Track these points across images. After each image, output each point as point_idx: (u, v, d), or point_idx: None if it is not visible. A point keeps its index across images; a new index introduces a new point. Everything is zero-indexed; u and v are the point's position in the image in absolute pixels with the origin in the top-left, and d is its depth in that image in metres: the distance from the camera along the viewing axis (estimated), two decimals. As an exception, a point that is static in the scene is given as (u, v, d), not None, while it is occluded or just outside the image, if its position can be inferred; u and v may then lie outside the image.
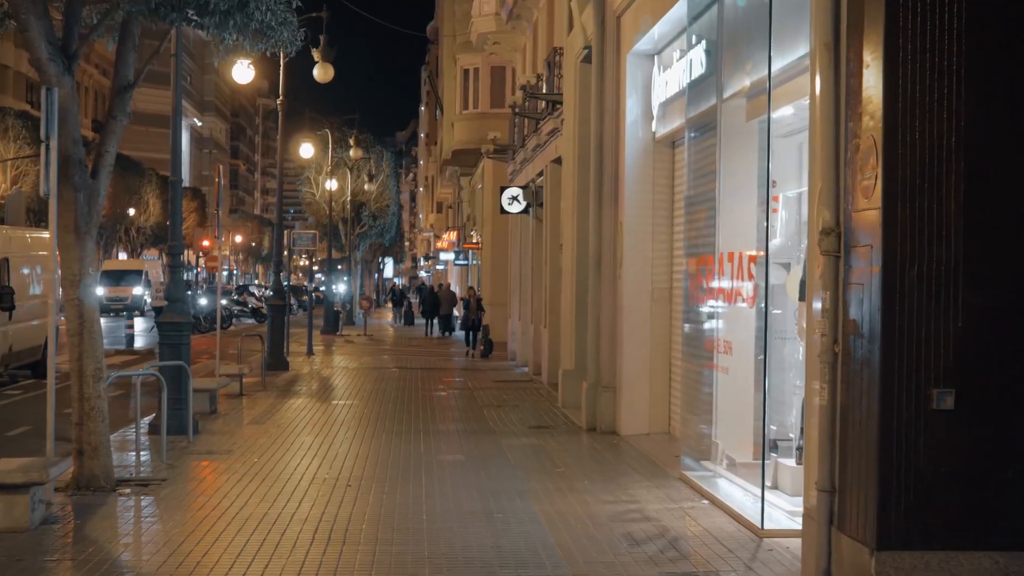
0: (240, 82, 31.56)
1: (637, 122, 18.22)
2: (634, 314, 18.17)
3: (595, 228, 19.48)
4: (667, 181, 18.22)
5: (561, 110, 24.14)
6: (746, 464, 13.48)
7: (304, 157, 53.25)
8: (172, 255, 18.99)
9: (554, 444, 17.64)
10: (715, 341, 12.99)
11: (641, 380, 18.16)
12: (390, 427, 19.59)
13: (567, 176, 22.99)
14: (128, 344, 39.56)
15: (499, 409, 22.41)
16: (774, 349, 13.41)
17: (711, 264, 13.01)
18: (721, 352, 12.80)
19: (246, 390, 25.20)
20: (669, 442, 17.48)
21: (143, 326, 52.64)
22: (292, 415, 21.25)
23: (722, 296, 12.74)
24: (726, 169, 13.52)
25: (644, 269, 18.16)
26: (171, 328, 18.52)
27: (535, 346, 30.32)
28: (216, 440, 17.94)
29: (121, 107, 14.05)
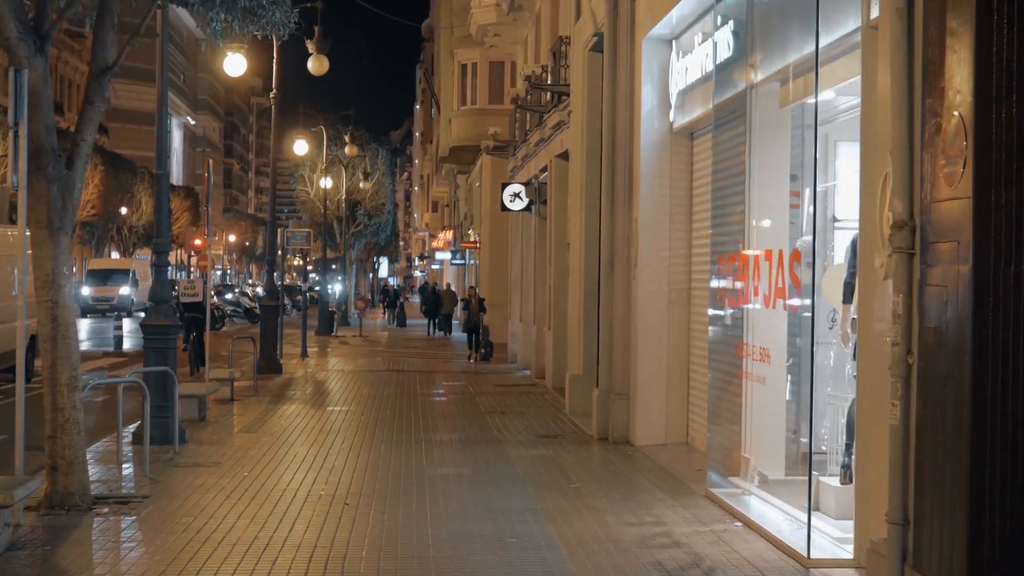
0: (232, 75, 30.37)
1: (653, 112, 17.10)
2: (650, 317, 17.05)
3: (607, 226, 18.36)
4: (685, 175, 17.10)
5: (567, 102, 23.02)
6: (780, 481, 12.38)
7: (298, 154, 52.14)
8: (157, 253, 17.85)
9: (565, 455, 16.51)
10: (749, 348, 11.86)
11: (657, 387, 17.04)
12: (389, 436, 18.46)
13: (575, 171, 21.86)
14: (116, 346, 38.37)
15: (503, 416, 21.28)
16: (804, 355, 12.35)
17: (743, 263, 11.88)
18: (756, 360, 11.68)
19: (237, 395, 24.08)
20: (688, 454, 16.37)
21: (132, 327, 51.44)
22: (285, 422, 20.11)
23: (757, 298, 11.61)
24: (757, 160, 12.42)
25: (660, 269, 17.04)
26: (156, 331, 17.39)
27: (538, 349, 29.19)
28: (204, 451, 16.81)
29: (99, 91, 12.90)
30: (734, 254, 12.19)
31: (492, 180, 46.68)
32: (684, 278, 17.06)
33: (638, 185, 17.25)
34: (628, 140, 17.78)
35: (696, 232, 16.88)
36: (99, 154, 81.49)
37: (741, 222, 12.33)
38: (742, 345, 12.03)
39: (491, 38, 37.18)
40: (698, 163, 16.77)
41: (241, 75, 30.24)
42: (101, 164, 79.36)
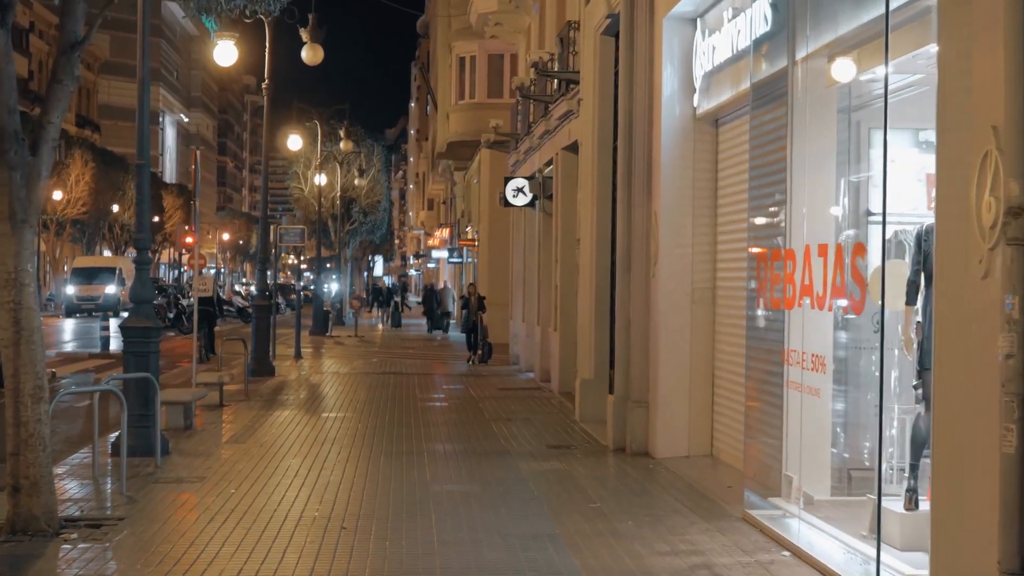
0: (222, 64, 29.03)
1: (674, 97, 15.79)
2: (671, 318, 15.75)
3: (623, 220, 17.06)
4: (709, 165, 15.80)
5: (576, 90, 21.72)
6: (828, 503, 11.09)
7: (292, 149, 50.81)
8: (138, 250, 16.52)
9: (581, 469, 15.20)
10: (797, 355, 10.54)
11: (679, 394, 15.74)
12: (388, 446, 17.15)
13: (585, 163, 20.56)
14: (103, 347, 37.04)
15: (509, 423, 19.97)
16: (847, 361, 11.10)
17: (790, 260, 10.56)
18: (807, 368, 10.36)
19: (227, 399, 22.76)
20: (714, 467, 15.08)
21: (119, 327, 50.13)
22: (277, 431, 18.80)
23: (808, 299, 10.29)
24: (801, 145, 11.13)
25: (683, 267, 15.74)
26: (137, 334, 16.07)
27: (543, 351, 27.88)
28: (188, 464, 15.49)
29: (68, 69, 11.58)
30: (777, 250, 10.88)
31: (491, 176, 45.45)
32: (708, 276, 15.78)
33: (658, 176, 15.96)
34: (646, 128, 16.48)
35: (722, 227, 15.59)
36: (90, 151, 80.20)
37: (783, 214, 11.03)
38: (787, 352, 10.72)
39: (492, 27, 35.84)
40: (724, 151, 15.48)
41: (235, 73, 29.62)
42: (92, 161, 78.05)
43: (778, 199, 11.20)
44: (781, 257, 10.73)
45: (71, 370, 30.79)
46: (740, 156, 14.81)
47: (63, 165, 75.66)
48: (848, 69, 10.86)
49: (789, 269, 10.52)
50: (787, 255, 10.60)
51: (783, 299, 10.69)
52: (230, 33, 28.11)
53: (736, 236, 15.11)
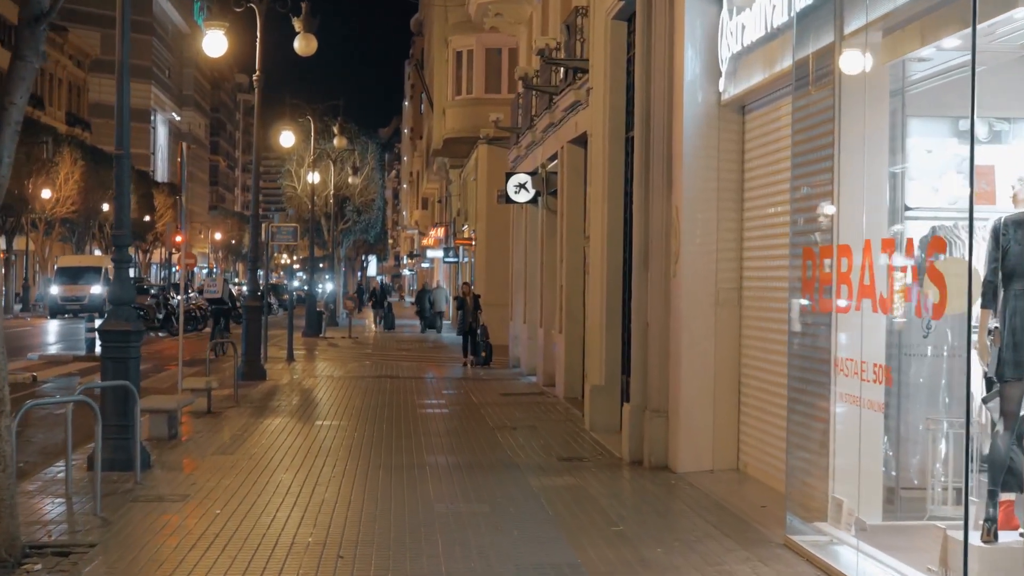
0: (212, 55, 27.85)
1: (696, 83, 14.60)
2: (694, 321, 14.56)
3: (640, 216, 15.87)
4: (735, 155, 14.62)
5: (585, 78, 20.52)
6: (883, 529, 9.92)
7: (284, 146, 49.61)
8: (117, 247, 15.30)
9: (597, 485, 14.00)
10: (855, 365, 9.34)
11: (703, 404, 14.55)
12: (387, 459, 15.95)
13: (596, 156, 19.36)
14: (88, 349, 35.69)
15: (514, 432, 18.77)
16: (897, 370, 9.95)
17: (846, 257, 9.36)
18: (869, 380, 9.17)
19: (216, 405, 21.56)
20: (742, 484, 13.89)
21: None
22: (267, 441, 17.59)
23: (871, 301, 9.09)
24: (852, 129, 9.96)
25: (707, 265, 14.55)
26: (116, 338, 14.86)
27: (546, 354, 26.68)
28: (171, 479, 14.29)
29: (32, 44, 10.39)
30: (828, 246, 9.68)
31: (489, 173, 44.28)
32: (734, 276, 14.59)
33: (679, 168, 14.77)
34: (666, 116, 15.29)
35: (750, 222, 14.42)
36: (79, 149, 78.96)
37: (835, 205, 9.85)
38: (841, 360, 9.52)
39: (491, 19, 34.60)
40: (752, 140, 14.31)
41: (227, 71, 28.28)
42: (82, 159, 76.80)
43: (828, 189, 10.01)
44: (833, 254, 9.54)
45: (54, 373, 29.60)
46: (771, 145, 13.66)
47: (52, 163, 74.43)
48: (906, 44, 9.70)
49: (843, 267, 9.33)
50: (841, 252, 9.40)
51: (835, 301, 9.49)
52: (219, 23, 26.97)
53: (765, 232, 13.96)
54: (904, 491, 10.66)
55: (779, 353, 13.44)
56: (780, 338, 13.44)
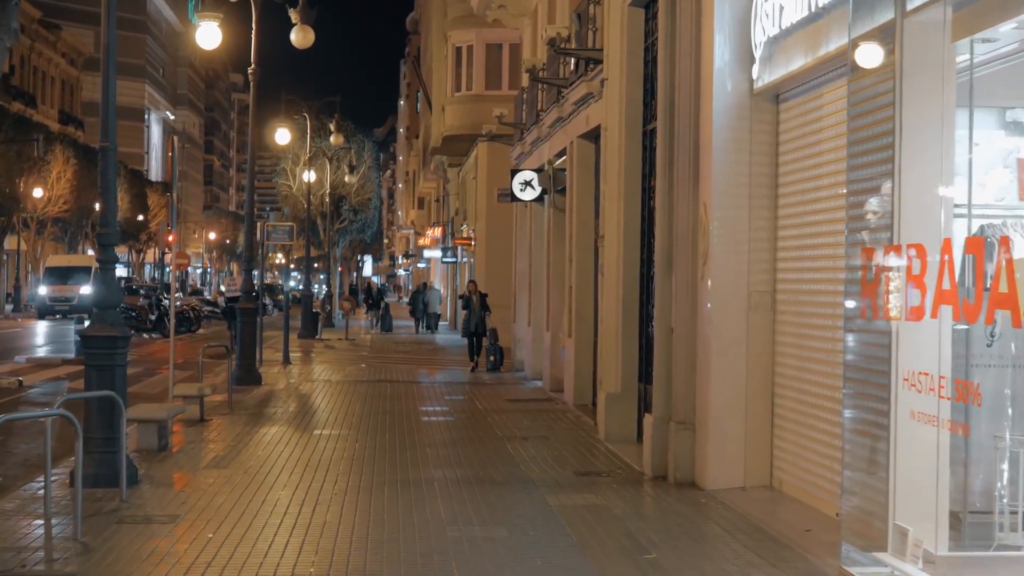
0: (205, 47, 26.75)
1: (726, 70, 13.54)
2: (724, 326, 13.50)
3: (663, 214, 14.82)
4: (768, 148, 13.57)
5: (598, 69, 19.47)
6: (952, 560, 8.88)
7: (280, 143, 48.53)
8: (102, 246, 14.23)
9: (621, 504, 12.94)
10: (932, 380, 8.28)
11: (733, 415, 13.49)
12: (391, 473, 14.89)
13: (611, 150, 18.30)
14: (78, 352, 34.55)
15: (525, 443, 17.72)
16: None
17: (918, 258, 8.30)
18: (948, 398, 8.11)
19: (210, 412, 20.53)
20: (778, 504, 12.83)
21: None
22: (263, 453, 16.53)
23: (952, 308, 8.01)
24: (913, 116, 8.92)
25: (739, 267, 13.50)
26: (100, 344, 13.82)
27: (553, 358, 25.63)
28: (160, 497, 13.22)
29: (3, 22, 9.31)
30: (897, 246, 8.61)
31: (489, 171, 43.26)
32: (768, 278, 13.54)
33: (707, 162, 13.72)
34: (692, 107, 14.23)
35: (784, 219, 13.38)
36: (72, 147, 77.85)
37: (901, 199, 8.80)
38: (913, 374, 8.46)
39: (495, 11, 33.53)
40: (788, 132, 13.26)
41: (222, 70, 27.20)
42: (74, 158, 75.68)
43: (891, 182, 8.95)
44: (902, 254, 8.48)
45: (41, 378, 28.57)
46: (810, 137, 12.63)
47: (44, 162, 73.35)
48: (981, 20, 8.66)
49: (916, 270, 8.26)
50: (918, 252, 8.33)
51: (904, 307, 8.43)
52: (213, 14, 25.90)
53: (802, 231, 12.93)
54: (973, 515, 9.66)
55: (817, 361, 12.42)
56: (818, 344, 12.44)
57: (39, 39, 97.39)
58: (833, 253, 12.10)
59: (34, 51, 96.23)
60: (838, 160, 11.85)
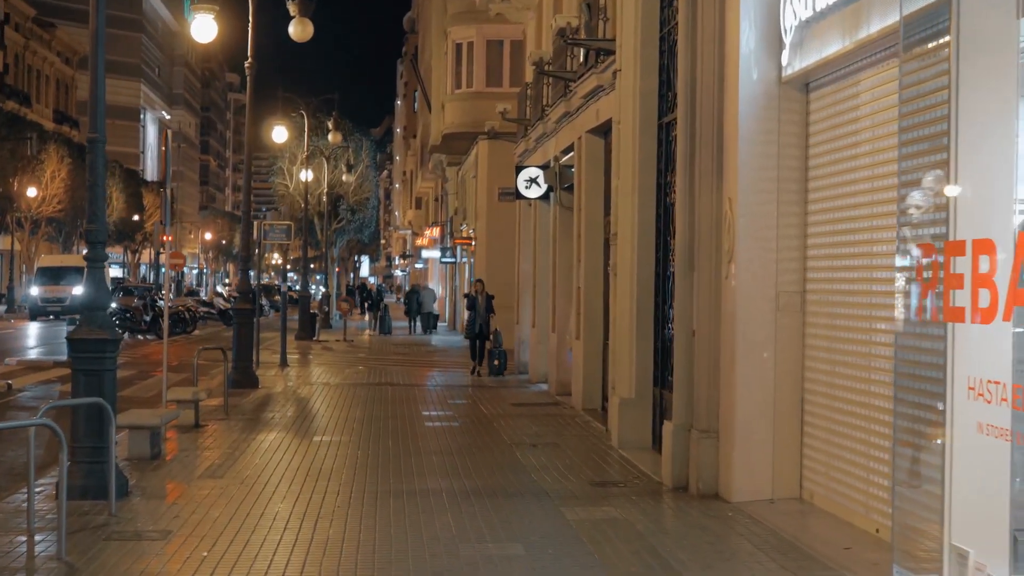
0: (201, 41, 25.97)
1: (752, 57, 12.77)
2: (751, 329, 12.72)
3: (684, 211, 14.04)
4: (798, 140, 12.80)
5: (609, 61, 18.70)
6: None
7: (277, 142, 47.74)
8: (90, 244, 13.43)
9: (643, 519, 12.15)
10: (1003, 389, 7.49)
11: (761, 423, 12.71)
12: (396, 483, 14.10)
13: (624, 144, 17.52)
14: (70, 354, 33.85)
15: (535, 451, 16.94)
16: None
17: (988, 254, 7.51)
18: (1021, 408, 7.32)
19: (205, 417, 19.77)
20: (810, 517, 12.05)
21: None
22: (261, 461, 15.75)
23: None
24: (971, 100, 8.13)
25: (766, 266, 12.73)
26: (88, 347, 13.02)
27: (559, 361, 24.85)
28: (152, 510, 12.43)
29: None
30: (960, 242, 7.83)
31: (489, 169, 42.51)
32: (797, 277, 12.77)
33: (732, 155, 12.94)
34: (715, 97, 13.46)
35: (815, 215, 12.61)
36: (67, 146, 77.06)
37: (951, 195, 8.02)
38: (981, 383, 7.67)
39: (497, 4, 32.76)
40: (819, 122, 12.49)
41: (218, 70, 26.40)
42: (69, 157, 74.89)
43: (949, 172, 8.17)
44: (965, 251, 7.69)
45: (32, 380, 27.81)
46: (845, 127, 11.87)
47: (37, 161, 72.59)
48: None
49: (984, 268, 7.48)
50: (978, 248, 7.55)
51: (970, 309, 7.64)
52: (208, 6, 25.11)
53: (834, 228, 12.17)
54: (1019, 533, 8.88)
55: (851, 365, 11.67)
56: (852, 348, 11.68)
57: (33, 38, 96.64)
58: (870, 251, 11.35)
59: (28, 50, 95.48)
60: (877, 151, 11.11)
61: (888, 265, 10.77)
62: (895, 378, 8.83)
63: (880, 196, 11.04)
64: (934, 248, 8.16)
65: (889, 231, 10.77)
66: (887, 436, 10.78)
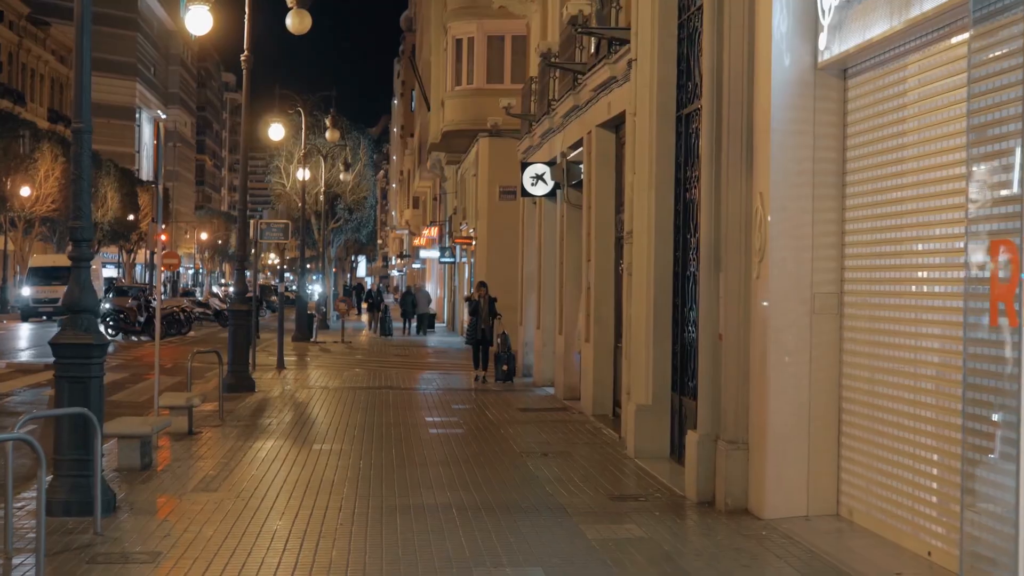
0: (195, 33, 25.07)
1: (785, 42, 11.89)
2: (784, 333, 11.84)
3: (709, 206, 13.15)
4: (835, 129, 11.93)
5: (623, 51, 17.84)
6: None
7: (274, 139, 46.87)
8: (75, 241, 12.55)
9: (670, 538, 11.27)
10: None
11: (795, 434, 11.83)
12: (403, 498, 13.21)
13: (640, 138, 16.64)
14: (62, 356, 32.94)
15: (546, 460, 16.07)
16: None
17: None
18: None
19: (199, 422, 18.92)
20: (850, 536, 11.17)
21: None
22: (257, 472, 14.87)
23: None
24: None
25: (800, 264, 11.85)
26: (72, 353, 12.13)
27: (566, 364, 23.97)
28: (141, 528, 11.54)
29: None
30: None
31: (491, 167, 41.70)
32: (834, 277, 11.89)
33: (764, 146, 12.06)
34: (744, 84, 12.59)
35: (853, 210, 11.74)
36: (61, 145, 76.13)
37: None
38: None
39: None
40: (858, 110, 11.61)
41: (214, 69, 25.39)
42: (63, 156, 73.90)
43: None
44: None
45: (22, 384, 26.99)
46: (888, 115, 11.01)
47: (31, 160, 71.69)
48: None
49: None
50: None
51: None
52: None
53: (875, 224, 11.31)
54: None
55: (894, 372, 10.80)
56: (895, 353, 10.81)
57: (27, 36, 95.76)
58: (916, 248, 10.48)
59: (23, 48, 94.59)
60: (928, 140, 10.25)
61: (941, 264, 9.92)
62: (964, 390, 7.95)
63: (931, 189, 10.18)
64: (1016, 246, 7.29)
65: (941, 227, 9.92)
66: (938, 450, 9.94)
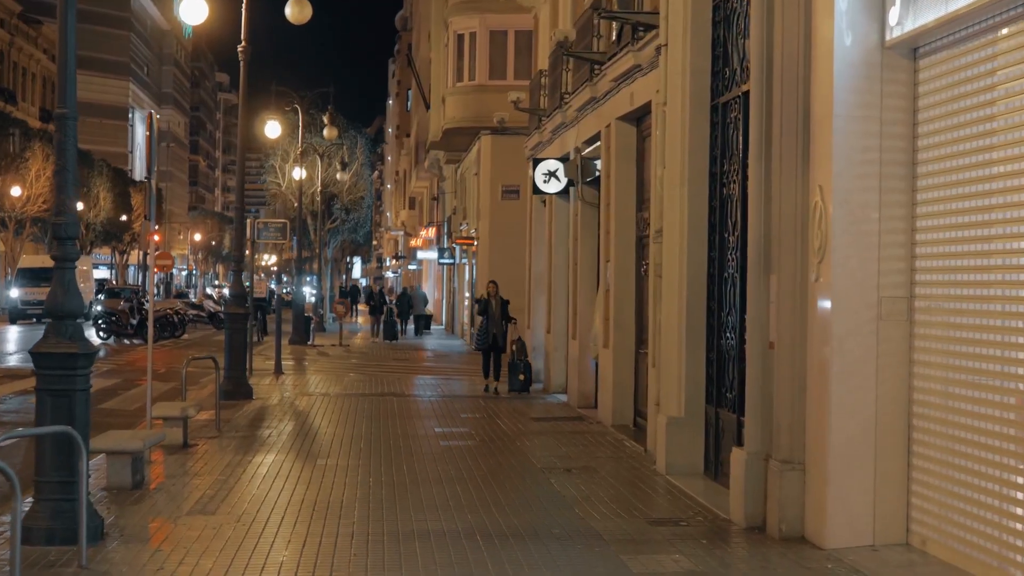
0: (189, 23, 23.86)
1: (847, 19, 10.70)
2: (848, 341, 10.65)
3: (758, 202, 11.96)
4: (904, 116, 10.74)
5: (649, 37, 16.65)
6: None
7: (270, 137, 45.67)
8: (59, 239, 11.34)
9: (722, 571, 10.07)
10: None
11: (860, 454, 10.64)
12: (419, 521, 12.00)
13: (671, 129, 15.44)
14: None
15: (571, 476, 14.87)
16: None
17: None
18: None
19: (194, 433, 17.75)
20: (922, 568, 9.99)
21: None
22: (259, 492, 13.65)
23: None
24: None
25: (866, 266, 10.66)
26: (55, 363, 10.91)
27: (581, 371, 22.77)
28: (131, 559, 10.33)
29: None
30: None
31: (493, 165, 40.58)
32: (903, 279, 10.71)
33: (824, 135, 10.87)
34: (800, 67, 11.40)
35: (925, 205, 10.55)
36: (51, 144, 74.79)
37: None
38: None
39: (508, -13, 30.69)
40: (932, 94, 10.43)
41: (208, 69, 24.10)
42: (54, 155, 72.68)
43: None
44: None
45: (10, 390, 25.78)
46: (968, 98, 9.88)
47: (22, 159, 70.49)
48: None
49: None
50: None
51: None
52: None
53: (950, 220, 10.15)
54: None
55: (975, 386, 9.66)
56: (975, 364, 9.67)
57: (19, 34, 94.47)
58: (1003, 248, 9.32)
59: (14, 47, 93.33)
60: (1016, 127, 9.07)
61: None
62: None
63: (1020, 182, 9.02)
64: None
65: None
66: (1029, 474, 8.77)
